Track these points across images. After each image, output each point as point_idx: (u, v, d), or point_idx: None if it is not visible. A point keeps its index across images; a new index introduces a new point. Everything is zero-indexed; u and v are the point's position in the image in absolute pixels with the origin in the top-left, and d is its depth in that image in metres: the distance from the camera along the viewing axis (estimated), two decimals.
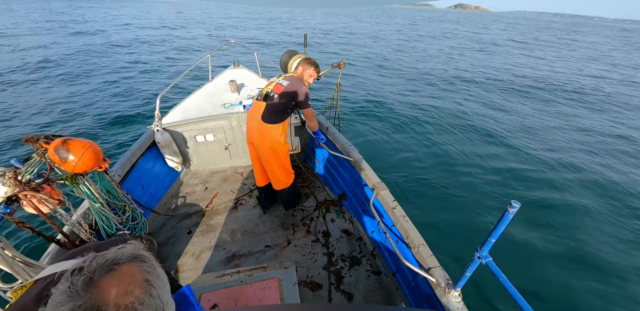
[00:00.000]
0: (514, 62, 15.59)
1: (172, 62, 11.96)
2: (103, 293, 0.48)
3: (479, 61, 15.12)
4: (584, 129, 6.72)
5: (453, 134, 5.83)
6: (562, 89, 10.28)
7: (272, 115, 2.13)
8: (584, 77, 12.63)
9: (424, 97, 8.24)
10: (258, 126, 2.17)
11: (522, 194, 3.97)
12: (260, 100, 2.18)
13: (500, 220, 0.98)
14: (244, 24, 23.27)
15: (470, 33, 33.26)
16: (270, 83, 2.21)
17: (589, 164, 5.02)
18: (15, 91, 9.30)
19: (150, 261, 0.56)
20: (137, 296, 0.50)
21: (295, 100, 2.15)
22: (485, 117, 6.89)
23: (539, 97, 9.20)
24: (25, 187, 1.37)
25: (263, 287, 1.63)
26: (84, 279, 0.49)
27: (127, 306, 0.48)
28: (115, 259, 0.52)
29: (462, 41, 23.96)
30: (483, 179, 4.27)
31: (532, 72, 12.81)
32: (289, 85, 2.10)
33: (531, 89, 10.07)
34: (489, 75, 11.66)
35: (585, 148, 5.64)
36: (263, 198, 2.69)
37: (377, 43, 19.32)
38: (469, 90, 9.40)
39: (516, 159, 4.96)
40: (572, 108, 8.30)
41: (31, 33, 17.26)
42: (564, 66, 15.47)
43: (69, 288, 0.48)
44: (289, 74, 2.24)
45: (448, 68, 12.52)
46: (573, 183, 4.38)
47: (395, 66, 12.40)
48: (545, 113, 7.60)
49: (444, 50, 17.96)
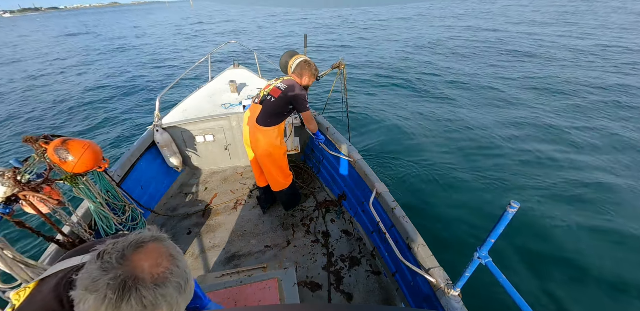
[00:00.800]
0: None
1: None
2: (137, 264, 0.52)
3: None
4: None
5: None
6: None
7: (268, 118, 2.13)
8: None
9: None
10: (253, 129, 2.17)
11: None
12: (257, 103, 2.17)
13: (499, 220, 0.98)
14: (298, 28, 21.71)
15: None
16: (268, 86, 2.21)
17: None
18: (16, 91, 9.33)
19: (169, 241, 0.61)
20: (166, 267, 0.54)
21: (293, 104, 2.14)
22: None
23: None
24: (25, 187, 1.37)
25: (263, 287, 1.63)
26: (116, 255, 0.52)
27: (160, 274, 0.53)
28: (139, 240, 0.56)
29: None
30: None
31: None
32: (286, 88, 2.09)
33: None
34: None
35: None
36: (263, 198, 2.69)
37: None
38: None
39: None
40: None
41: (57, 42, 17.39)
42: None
43: (102, 265, 0.50)
44: (287, 77, 2.23)
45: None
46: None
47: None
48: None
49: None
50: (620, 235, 3.04)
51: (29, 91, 9.27)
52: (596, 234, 3.07)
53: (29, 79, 10.80)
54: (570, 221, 3.22)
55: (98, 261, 0.51)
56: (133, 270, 0.51)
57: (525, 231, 3.10)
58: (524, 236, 3.05)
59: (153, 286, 0.51)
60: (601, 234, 3.07)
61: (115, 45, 18.27)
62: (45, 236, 1.52)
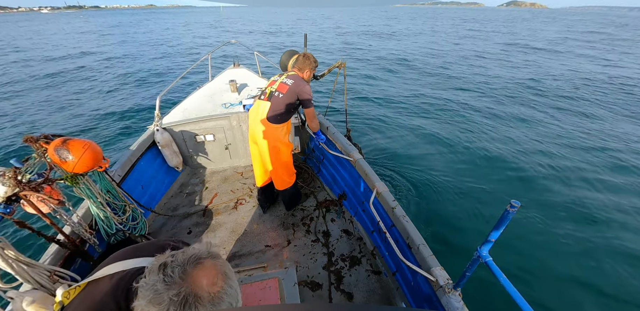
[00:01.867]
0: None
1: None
2: (197, 282, 0.55)
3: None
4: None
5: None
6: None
7: (278, 115, 2.11)
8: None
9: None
10: (262, 126, 2.15)
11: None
12: (263, 99, 2.15)
13: (500, 220, 0.98)
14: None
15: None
16: (274, 82, 2.18)
17: None
18: (16, 92, 9.32)
19: (222, 258, 0.63)
20: (221, 286, 0.57)
21: (300, 99, 2.14)
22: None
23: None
24: (25, 187, 1.37)
25: (263, 287, 1.63)
26: (178, 270, 0.55)
27: (216, 294, 0.55)
28: (197, 255, 0.59)
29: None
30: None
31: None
32: (293, 84, 2.08)
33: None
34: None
35: None
36: (263, 198, 2.69)
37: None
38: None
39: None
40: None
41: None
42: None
43: (165, 279, 0.54)
44: (292, 72, 2.21)
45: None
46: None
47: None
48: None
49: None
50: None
51: (18, 90, 9.27)
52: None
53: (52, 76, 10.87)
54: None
55: (160, 273, 0.55)
56: (193, 286, 0.54)
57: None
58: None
59: (210, 305, 0.54)
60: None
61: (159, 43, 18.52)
62: (46, 236, 1.52)
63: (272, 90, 2.13)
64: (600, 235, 3.17)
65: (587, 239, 3.11)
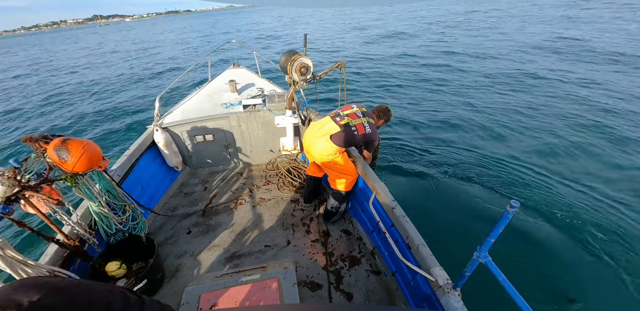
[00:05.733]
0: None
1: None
2: None
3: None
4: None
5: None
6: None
7: (342, 142, 2.18)
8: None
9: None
10: (322, 141, 2.20)
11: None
12: (337, 122, 2.18)
13: (499, 220, 0.98)
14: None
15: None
16: (354, 116, 2.21)
17: None
18: (16, 92, 9.32)
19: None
20: None
21: (367, 145, 2.36)
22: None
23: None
24: (25, 187, 1.37)
25: (263, 287, 1.63)
26: None
27: None
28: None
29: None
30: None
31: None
32: (370, 133, 2.20)
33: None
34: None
35: None
36: (310, 190, 2.70)
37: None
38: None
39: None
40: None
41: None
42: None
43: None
44: (372, 118, 2.27)
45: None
46: None
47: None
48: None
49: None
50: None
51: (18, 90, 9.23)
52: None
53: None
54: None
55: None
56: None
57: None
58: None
59: None
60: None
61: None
62: (45, 236, 1.52)
63: (351, 124, 2.17)
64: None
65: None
